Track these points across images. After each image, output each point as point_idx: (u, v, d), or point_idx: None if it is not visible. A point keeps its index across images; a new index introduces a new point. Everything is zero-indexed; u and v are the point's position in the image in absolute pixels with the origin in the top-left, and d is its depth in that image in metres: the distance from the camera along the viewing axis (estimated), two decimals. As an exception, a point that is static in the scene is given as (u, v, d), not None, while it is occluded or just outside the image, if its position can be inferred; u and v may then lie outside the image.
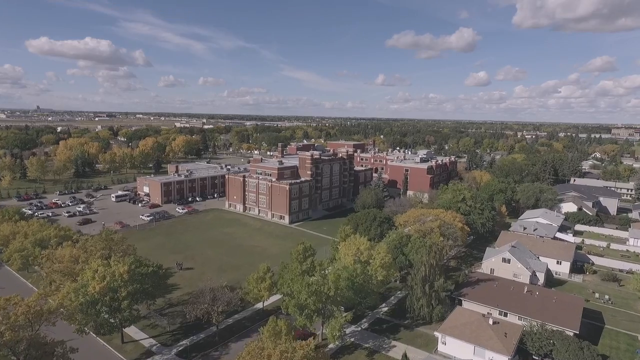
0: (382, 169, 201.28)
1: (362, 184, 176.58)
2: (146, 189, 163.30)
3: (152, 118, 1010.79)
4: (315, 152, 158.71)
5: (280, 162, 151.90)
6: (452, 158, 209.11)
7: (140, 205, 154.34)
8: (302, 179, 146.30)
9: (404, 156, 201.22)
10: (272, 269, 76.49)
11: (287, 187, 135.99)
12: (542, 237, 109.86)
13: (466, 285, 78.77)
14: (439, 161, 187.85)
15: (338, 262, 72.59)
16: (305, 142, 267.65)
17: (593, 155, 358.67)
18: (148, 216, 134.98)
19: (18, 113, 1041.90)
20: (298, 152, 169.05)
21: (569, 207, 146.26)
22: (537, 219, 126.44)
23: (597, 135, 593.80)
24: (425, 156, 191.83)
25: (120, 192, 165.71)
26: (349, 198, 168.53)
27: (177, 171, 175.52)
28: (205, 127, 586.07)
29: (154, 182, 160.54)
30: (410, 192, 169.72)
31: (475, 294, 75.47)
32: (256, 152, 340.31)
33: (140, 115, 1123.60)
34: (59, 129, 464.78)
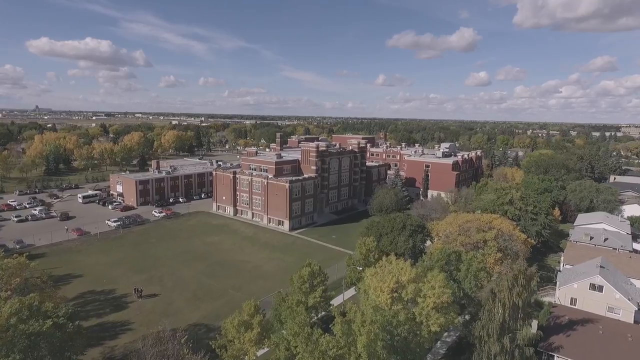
0: (397, 165, 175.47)
1: (375, 182, 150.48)
2: (119, 188, 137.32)
3: (151, 117, 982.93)
4: (321, 143, 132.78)
5: (279, 156, 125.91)
6: (478, 153, 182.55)
7: (111, 207, 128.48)
8: (305, 176, 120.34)
9: (423, 150, 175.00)
10: (264, 302, 50.97)
11: (287, 185, 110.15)
12: (622, 250, 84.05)
13: (555, 330, 52.52)
14: (465, 156, 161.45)
15: (365, 299, 46.64)
16: (307, 136, 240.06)
17: (617, 152, 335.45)
18: (115, 221, 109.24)
19: (15, 112, 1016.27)
20: (300, 144, 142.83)
21: (633, 210, 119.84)
22: (600, 225, 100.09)
23: (612, 133, 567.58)
24: (447, 150, 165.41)
25: (89, 192, 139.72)
26: (361, 199, 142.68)
27: (157, 167, 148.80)
28: (203, 124, 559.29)
29: (128, 180, 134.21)
30: (433, 192, 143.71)
31: (574, 346, 49.33)
32: (254, 148, 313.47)
33: (140, 115, 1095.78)
34: (48, 125, 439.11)
